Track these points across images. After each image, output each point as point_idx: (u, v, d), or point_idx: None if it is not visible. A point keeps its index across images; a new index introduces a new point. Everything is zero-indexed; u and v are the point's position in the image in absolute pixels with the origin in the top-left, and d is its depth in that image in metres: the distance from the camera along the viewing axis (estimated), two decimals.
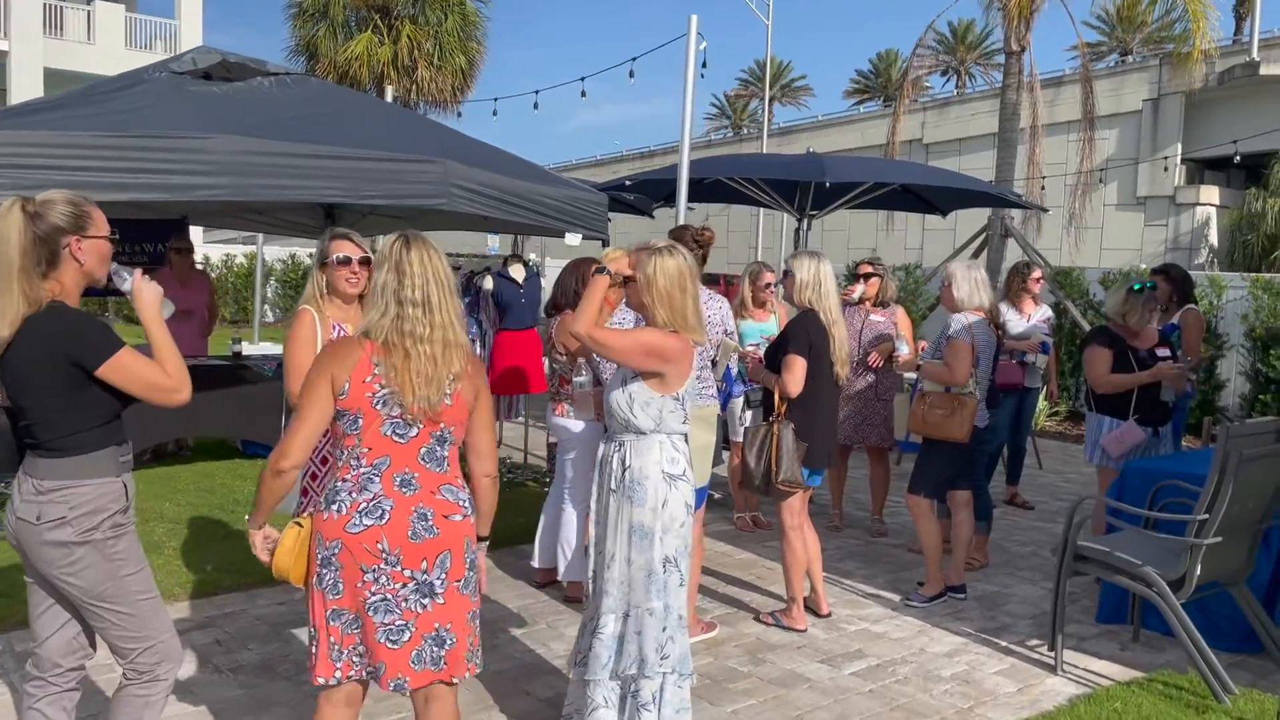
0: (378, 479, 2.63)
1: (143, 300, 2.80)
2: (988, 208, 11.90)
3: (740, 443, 5.00)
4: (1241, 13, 28.72)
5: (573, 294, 4.96)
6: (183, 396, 2.74)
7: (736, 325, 6.38)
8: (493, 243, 18.19)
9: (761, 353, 5.08)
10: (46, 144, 4.66)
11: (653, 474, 3.26)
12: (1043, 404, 11.09)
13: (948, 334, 5.23)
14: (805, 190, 8.81)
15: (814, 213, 9.15)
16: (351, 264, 3.56)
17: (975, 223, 13.46)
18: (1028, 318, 7.24)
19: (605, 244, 6.39)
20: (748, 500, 6.64)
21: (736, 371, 5.36)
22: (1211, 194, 24.39)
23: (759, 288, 6.44)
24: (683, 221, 6.57)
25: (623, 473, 3.31)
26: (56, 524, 2.64)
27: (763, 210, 21.25)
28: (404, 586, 2.62)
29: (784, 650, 4.53)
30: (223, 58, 6.39)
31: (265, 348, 10.40)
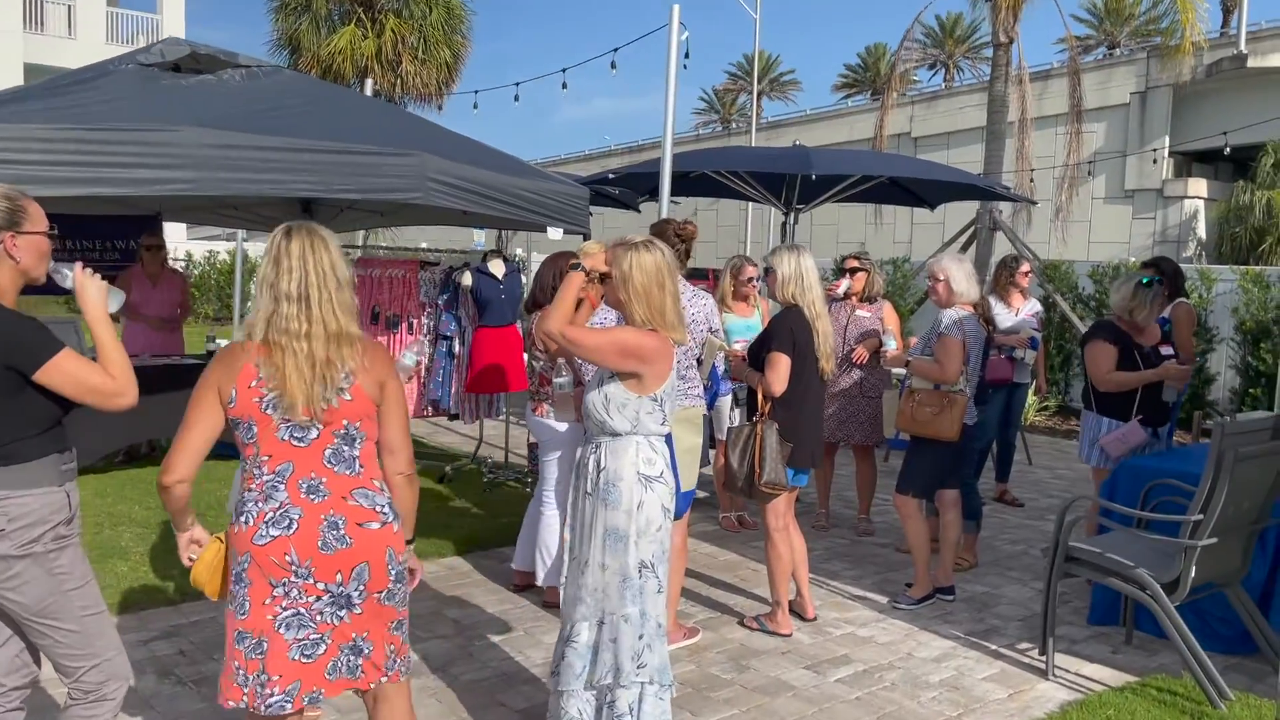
0: (282, 486, 2.48)
1: (87, 297, 2.64)
2: (976, 201, 11.79)
3: (725, 441, 4.86)
4: (1229, 5, 28.75)
5: (550, 289, 4.81)
6: (127, 400, 2.59)
7: (721, 321, 6.28)
8: (479, 238, 18.01)
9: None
10: (4, 137, 4.50)
11: (628, 475, 3.14)
12: (1032, 399, 11.00)
13: (938, 330, 5.09)
14: (792, 183, 8.68)
15: (800, 206, 9.02)
16: None
17: (964, 216, 13.35)
18: (1016, 312, 7.13)
19: (586, 238, 6.25)
20: (733, 499, 6.52)
21: (723, 370, 5.23)
22: (1199, 187, 24.37)
23: (740, 281, 6.31)
24: (666, 214, 6.45)
25: (598, 475, 3.19)
26: None
27: (751, 205, 21.15)
28: (317, 600, 2.48)
29: (768, 656, 4.40)
30: (192, 49, 6.23)
31: None
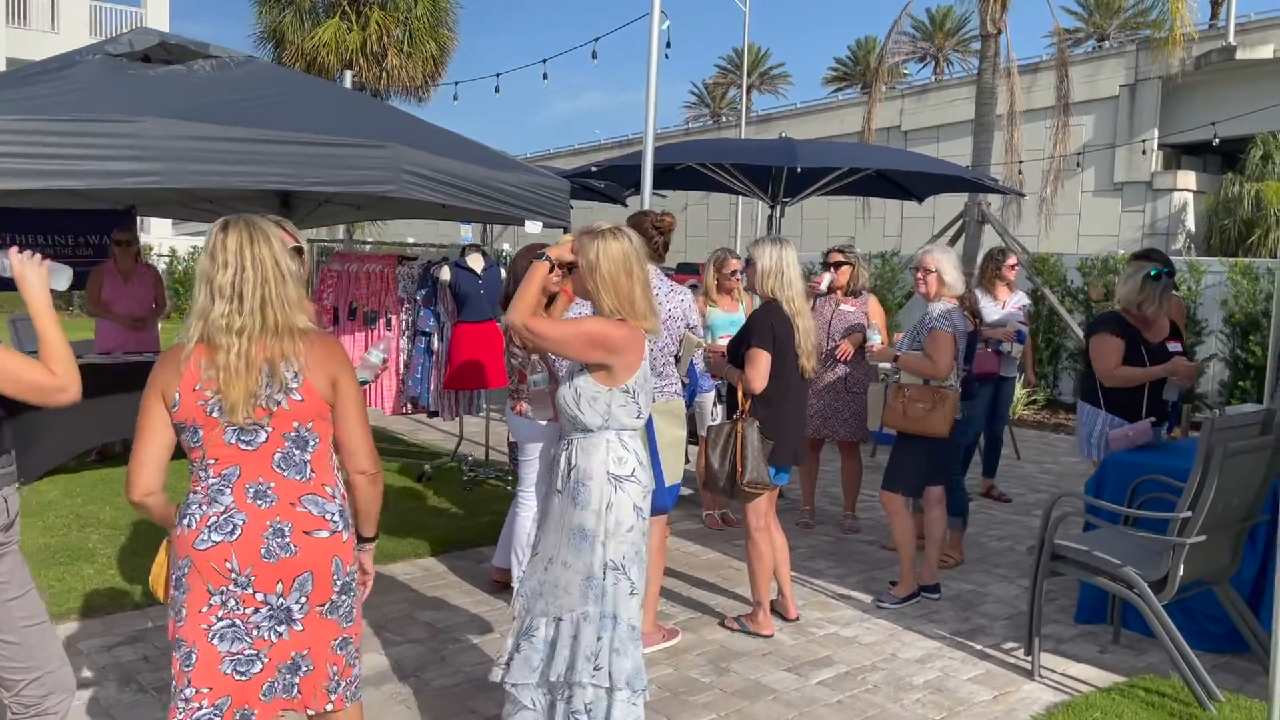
0: (228, 490, 2.37)
1: (27, 285, 2.48)
2: (965, 193, 11.71)
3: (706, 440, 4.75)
4: None
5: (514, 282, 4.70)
6: (70, 396, 2.46)
7: (705, 316, 6.17)
8: (466, 232, 17.86)
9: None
10: None
11: (597, 474, 3.04)
12: (1021, 392, 10.93)
13: (929, 324, 4.96)
14: (778, 176, 8.58)
15: (786, 199, 8.92)
16: None
17: (954, 210, 13.27)
18: (1003, 305, 7.04)
19: (566, 231, 6.14)
20: (716, 497, 6.41)
21: (701, 367, 5.12)
22: (1189, 179, 24.33)
23: (724, 275, 6.21)
24: (648, 207, 6.34)
25: (569, 472, 3.10)
26: None
27: (742, 199, 21.04)
28: (255, 612, 2.36)
29: (749, 658, 4.30)
30: (161, 39, 6.10)
31: None
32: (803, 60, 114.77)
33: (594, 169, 8.58)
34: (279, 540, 2.35)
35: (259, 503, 2.36)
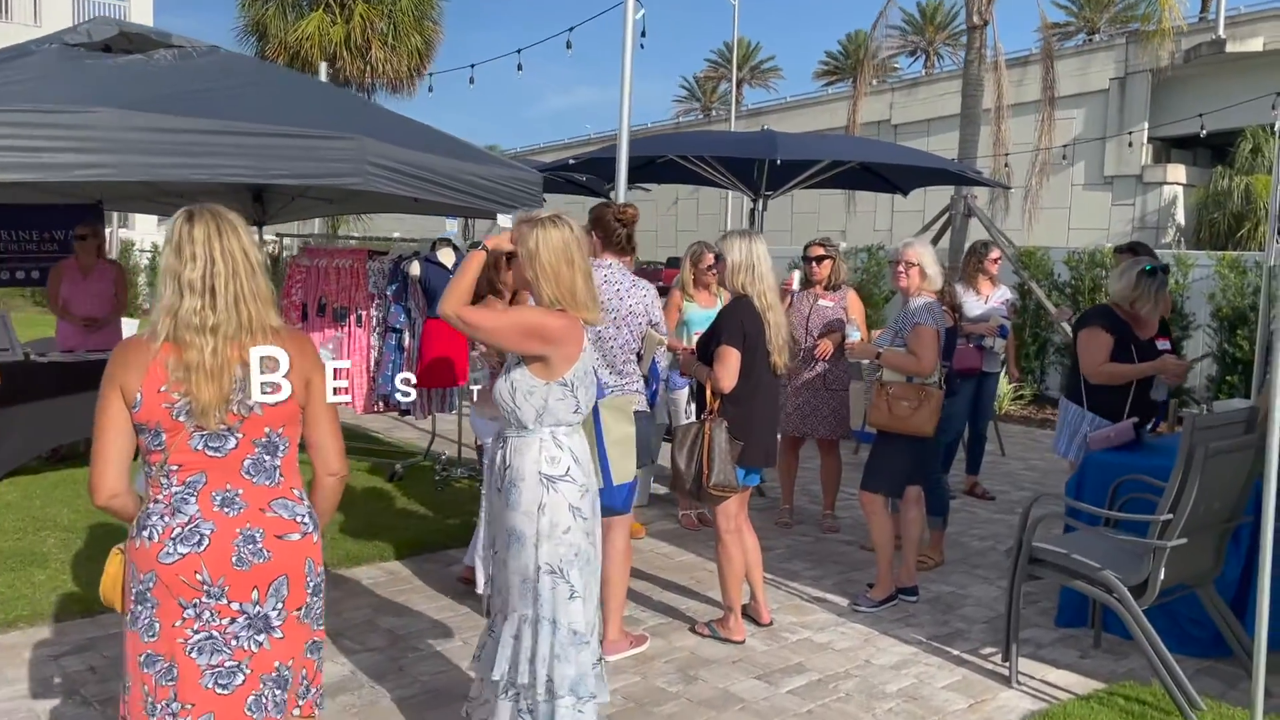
0: (193, 499, 2.23)
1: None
2: (951, 186, 11.58)
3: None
4: None
5: (486, 278, 4.56)
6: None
7: (682, 311, 6.03)
8: (451, 226, 17.70)
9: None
10: None
11: (529, 475, 2.95)
12: (1007, 387, 10.81)
13: (912, 319, 4.81)
14: (761, 169, 8.43)
15: (769, 193, 8.77)
16: None
17: (944, 203, 13.13)
18: (985, 299, 6.92)
19: None
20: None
21: (666, 364, 4.98)
22: (1178, 172, 24.26)
23: (700, 270, 6.06)
24: (624, 200, 6.19)
25: (503, 472, 3.03)
26: None
27: (731, 193, 20.87)
28: (232, 623, 2.24)
29: (718, 666, 4.16)
30: (121, 29, 5.94)
31: None
32: (794, 54, 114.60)
33: (572, 162, 8.43)
34: (250, 547, 2.24)
35: (227, 510, 2.24)
